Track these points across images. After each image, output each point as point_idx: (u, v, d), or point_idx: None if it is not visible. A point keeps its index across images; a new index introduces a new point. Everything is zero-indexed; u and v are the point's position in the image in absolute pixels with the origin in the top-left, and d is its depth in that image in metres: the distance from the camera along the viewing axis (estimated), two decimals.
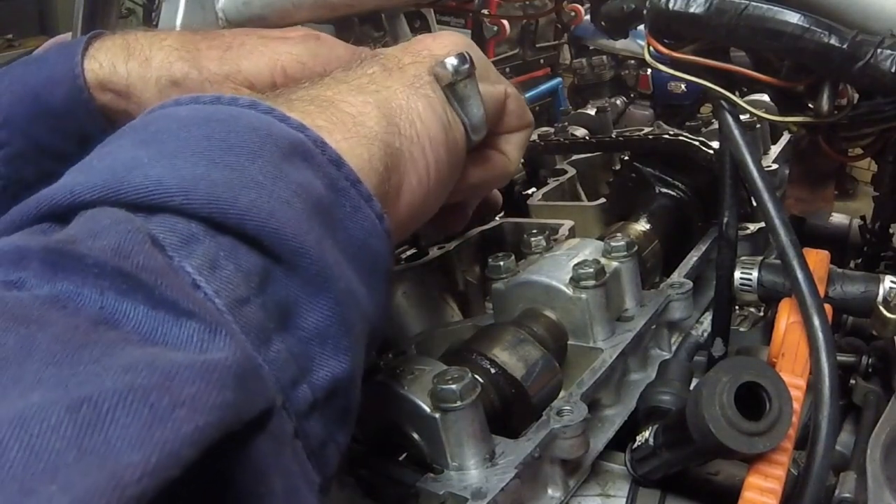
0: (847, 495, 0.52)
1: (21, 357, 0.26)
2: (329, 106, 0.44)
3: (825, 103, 0.57)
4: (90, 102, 0.62)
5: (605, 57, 1.90)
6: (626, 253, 0.67)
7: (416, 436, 0.51)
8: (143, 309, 0.29)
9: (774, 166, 0.94)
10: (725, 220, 0.65)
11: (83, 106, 0.61)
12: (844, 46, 0.51)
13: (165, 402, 0.25)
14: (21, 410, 0.23)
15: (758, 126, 0.95)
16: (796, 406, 0.47)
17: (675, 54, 0.59)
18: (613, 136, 1.07)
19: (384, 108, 0.47)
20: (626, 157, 0.94)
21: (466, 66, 0.50)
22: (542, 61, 2.19)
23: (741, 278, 0.66)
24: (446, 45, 0.53)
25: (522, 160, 0.70)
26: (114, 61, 0.63)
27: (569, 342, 0.64)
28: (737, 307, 0.78)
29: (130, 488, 0.22)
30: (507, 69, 2.05)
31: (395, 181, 0.46)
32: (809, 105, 0.60)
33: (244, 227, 0.33)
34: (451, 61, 0.50)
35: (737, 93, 0.60)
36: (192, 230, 0.33)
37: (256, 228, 0.34)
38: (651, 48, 0.60)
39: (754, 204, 0.62)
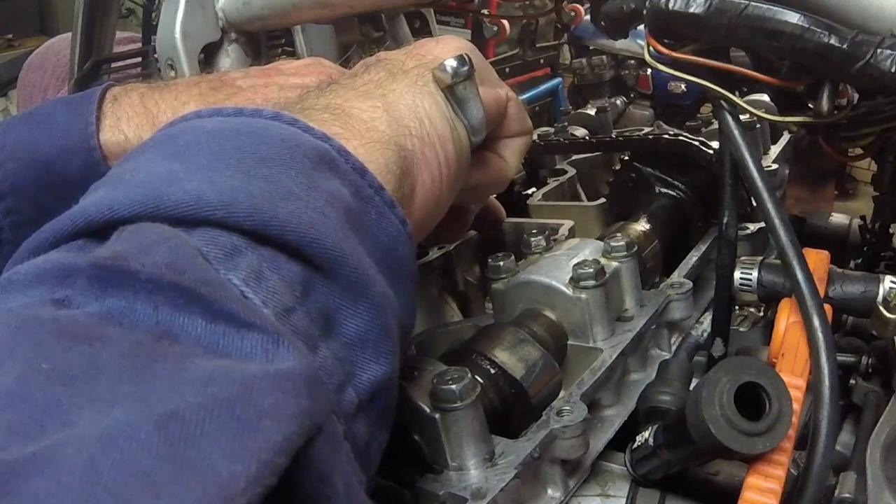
0: (847, 495, 0.52)
1: (90, 375, 0.26)
2: (342, 113, 0.45)
3: (825, 103, 0.57)
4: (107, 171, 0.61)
5: (605, 57, 1.90)
6: (626, 253, 0.67)
7: (415, 436, 0.51)
8: (201, 322, 0.29)
9: (774, 166, 0.94)
10: (725, 220, 0.65)
11: (100, 176, 0.60)
12: (844, 46, 0.50)
13: (251, 413, 0.25)
14: (106, 428, 0.23)
15: (758, 126, 0.95)
16: (796, 406, 0.47)
17: (675, 54, 0.59)
18: (613, 136, 1.07)
19: (393, 111, 0.47)
20: (626, 157, 0.94)
21: (465, 67, 0.50)
22: (542, 61, 2.18)
23: (741, 278, 0.66)
24: (449, 49, 0.53)
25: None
26: (139, 133, 0.61)
27: (569, 342, 0.64)
28: (737, 307, 0.77)
29: (238, 499, 0.23)
30: (507, 69, 2.04)
31: (409, 182, 0.47)
32: (809, 105, 0.60)
33: (285, 237, 0.34)
34: (451, 63, 0.50)
35: (737, 93, 0.60)
36: (234, 243, 0.33)
37: (297, 239, 0.34)
38: (651, 48, 0.60)
39: (754, 204, 0.62)
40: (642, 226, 0.81)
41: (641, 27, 0.62)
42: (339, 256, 0.35)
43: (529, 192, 1.02)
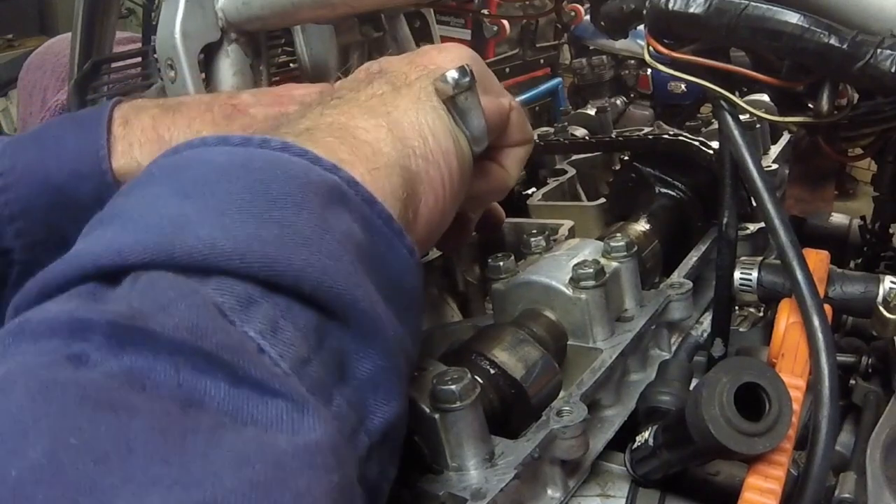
0: (847, 495, 0.52)
1: (122, 451, 0.25)
2: (347, 135, 0.44)
3: (825, 103, 0.57)
4: None
5: (605, 57, 1.90)
6: (625, 253, 0.67)
7: (415, 436, 0.51)
8: (224, 386, 0.29)
9: (774, 166, 0.94)
10: (725, 220, 0.65)
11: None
12: (844, 46, 0.50)
13: (288, 498, 0.25)
14: None
15: (758, 126, 0.95)
16: (796, 406, 0.47)
17: (674, 54, 0.59)
18: (613, 136, 1.07)
19: (397, 131, 0.47)
20: (626, 157, 0.94)
21: (467, 78, 0.50)
22: (542, 61, 2.18)
23: (741, 278, 0.66)
24: (451, 58, 0.53)
25: None
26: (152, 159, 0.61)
27: (568, 342, 0.64)
28: (737, 307, 0.77)
29: None
30: (507, 69, 2.04)
31: (414, 204, 0.46)
32: (809, 105, 0.60)
33: (300, 286, 0.34)
34: (452, 74, 0.50)
35: (737, 93, 0.60)
36: (249, 293, 0.33)
37: (312, 288, 0.34)
38: (651, 48, 0.60)
39: (754, 204, 0.62)
40: (642, 226, 0.81)
41: (641, 27, 0.62)
42: (353, 302, 0.35)
43: (529, 192, 1.02)
